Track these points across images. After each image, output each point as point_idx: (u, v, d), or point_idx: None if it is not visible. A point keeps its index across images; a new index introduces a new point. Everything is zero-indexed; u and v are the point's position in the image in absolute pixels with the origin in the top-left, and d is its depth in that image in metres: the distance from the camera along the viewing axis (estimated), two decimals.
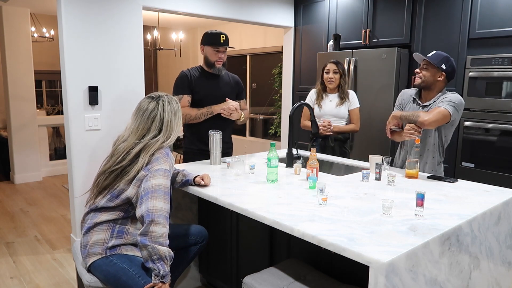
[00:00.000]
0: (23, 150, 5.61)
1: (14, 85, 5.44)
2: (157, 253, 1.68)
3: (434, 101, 2.43)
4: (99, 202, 1.89)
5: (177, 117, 2.01)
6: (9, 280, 2.94)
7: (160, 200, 1.74)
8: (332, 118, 3.21)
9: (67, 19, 3.02)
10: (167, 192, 1.78)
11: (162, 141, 1.92)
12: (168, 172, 1.83)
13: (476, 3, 3.31)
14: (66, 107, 3.14)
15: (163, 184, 1.78)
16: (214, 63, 2.83)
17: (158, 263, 1.69)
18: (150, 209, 1.71)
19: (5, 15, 5.29)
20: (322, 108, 3.25)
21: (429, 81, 2.43)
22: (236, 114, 2.80)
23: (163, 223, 1.71)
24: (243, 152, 4.34)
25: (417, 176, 2.34)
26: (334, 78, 3.18)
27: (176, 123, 2.00)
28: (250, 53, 7.14)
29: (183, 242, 2.20)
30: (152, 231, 1.68)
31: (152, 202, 1.73)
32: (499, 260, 1.98)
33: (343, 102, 3.19)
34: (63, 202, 4.76)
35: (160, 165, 1.83)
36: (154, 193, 1.75)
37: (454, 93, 2.42)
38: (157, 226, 1.69)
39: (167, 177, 1.81)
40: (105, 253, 1.83)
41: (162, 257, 1.70)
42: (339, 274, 1.89)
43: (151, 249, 1.68)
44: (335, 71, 3.18)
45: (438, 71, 2.41)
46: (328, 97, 3.26)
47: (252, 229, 2.28)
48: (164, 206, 1.75)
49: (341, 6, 4.32)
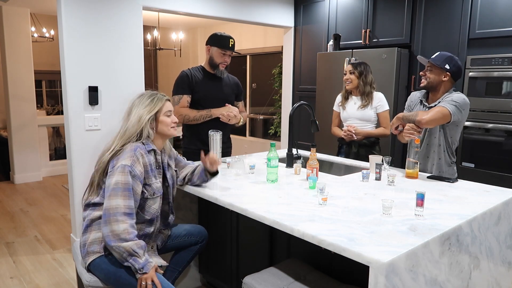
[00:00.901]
0: (23, 150, 5.61)
1: (14, 85, 5.44)
2: (125, 251, 1.72)
3: (439, 101, 2.42)
4: (95, 198, 1.92)
5: (143, 106, 1.95)
6: (9, 280, 2.94)
7: (117, 198, 1.75)
8: (356, 121, 3.10)
9: (67, 19, 3.02)
10: (126, 188, 1.77)
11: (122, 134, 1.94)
12: (129, 168, 1.79)
13: (476, 3, 3.31)
14: (66, 107, 3.14)
15: (120, 181, 1.77)
16: (218, 65, 2.83)
17: (130, 260, 1.73)
18: (107, 209, 1.75)
19: (5, 15, 5.29)
20: (346, 110, 3.14)
21: (434, 82, 2.41)
22: (235, 119, 2.81)
23: (121, 220, 1.73)
24: (243, 152, 4.34)
25: (417, 176, 2.33)
26: (350, 78, 3.06)
27: (141, 113, 1.93)
28: (250, 53, 7.15)
29: (183, 242, 2.21)
30: (112, 230, 1.72)
31: (108, 202, 1.75)
32: (499, 260, 1.98)
33: (366, 105, 3.06)
34: (63, 202, 4.76)
35: (120, 161, 1.82)
36: (111, 192, 1.76)
37: (458, 93, 2.40)
38: (115, 224, 1.72)
39: (124, 173, 1.78)
40: (104, 251, 1.84)
41: (131, 253, 1.73)
42: (339, 274, 1.89)
43: (117, 249, 1.72)
44: (351, 72, 3.07)
45: (442, 71, 2.38)
46: (352, 99, 3.15)
47: (252, 229, 2.28)
48: (122, 203, 1.75)
49: (341, 6, 4.32)
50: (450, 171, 2.51)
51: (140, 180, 1.84)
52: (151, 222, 1.96)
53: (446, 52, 2.45)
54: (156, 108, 1.96)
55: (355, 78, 3.06)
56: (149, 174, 1.90)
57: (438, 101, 2.41)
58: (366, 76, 3.06)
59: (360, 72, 3.06)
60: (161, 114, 1.98)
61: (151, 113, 1.94)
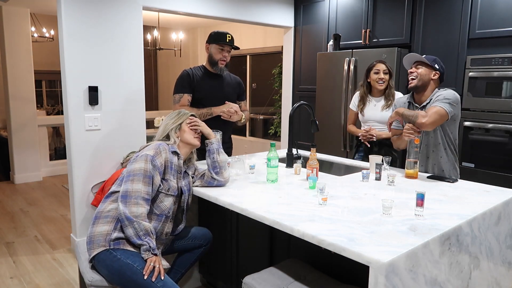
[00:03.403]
0: (23, 150, 5.61)
1: (14, 85, 5.44)
2: (143, 229, 1.80)
3: (430, 99, 2.42)
4: (112, 187, 2.00)
5: (170, 118, 2.18)
6: (9, 280, 2.94)
7: (139, 183, 1.86)
8: (376, 124, 3.00)
9: (67, 19, 3.02)
10: (147, 175, 1.88)
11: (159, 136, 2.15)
12: (151, 157, 1.92)
13: (476, 3, 3.31)
14: (66, 107, 3.14)
15: (143, 168, 1.89)
16: (217, 61, 2.82)
17: (145, 239, 1.80)
18: (128, 191, 1.84)
19: (5, 15, 5.29)
20: (365, 114, 3.04)
21: (425, 80, 2.42)
22: (236, 116, 2.80)
23: (141, 204, 1.83)
24: (243, 152, 4.34)
25: (416, 176, 2.34)
26: (385, 79, 2.94)
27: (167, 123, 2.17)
28: (250, 53, 7.15)
29: (187, 244, 2.21)
30: (131, 211, 1.81)
31: (131, 185, 1.85)
32: (499, 260, 1.98)
33: (389, 105, 2.93)
34: (63, 202, 4.76)
35: (145, 151, 1.95)
36: (134, 176, 1.87)
37: (447, 89, 2.42)
38: (134, 207, 1.81)
39: (147, 162, 1.91)
40: (109, 245, 1.84)
41: (148, 232, 1.81)
42: (339, 274, 1.89)
43: (136, 225, 1.79)
44: (385, 72, 2.94)
45: (432, 70, 2.43)
46: (371, 101, 3.03)
47: (252, 229, 2.28)
48: (143, 188, 1.86)
49: (341, 6, 4.32)
50: (454, 172, 2.48)
51: (160, 172, 1.95)
52: (159, 218, 1.98)
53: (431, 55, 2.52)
54: (181, 119, 2.16)
55: (388, 78, 2.97)
56: (168, 171, 2.00)
57: (429, 99, 2.42)
58: (391, 76, 3.01)
59: (391, 73, 3.00)
60: (185, 125, 2.16)
61: (175, 123, 2.15)
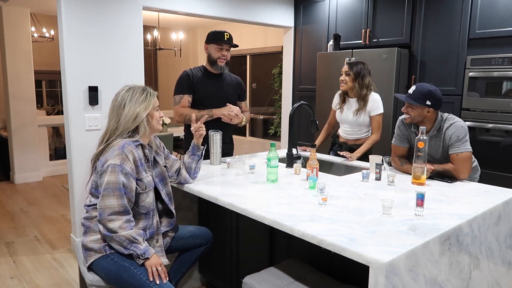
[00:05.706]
0: (23, 150, 5.61)
1: (14, 85, 5.44)
2: (125, 239, 1.77)
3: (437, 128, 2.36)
4: (93, 200, 1.93)
5: (137, 102, 1.90)
6: (9, 280, 2.94)
7: (110, 198, 1.78)
8: (350, 127, 3.03)
9: (67, 19, 3.02)
10: (117, 187, 1.79)
11: (113, 128, 1.91)
12: (119, 167, 1.79)
13: (476, 3, 3.31)
14: (66, 107, 3.14)
15: (112, 181, 1.79)
16: (216, 60, 2.79)
17: (131, 247, 1.78)
18: (101, 208, 1.80)
19: (5, 15, 5.29)
20: (342, 113, 3.05)
21: (418, 119, 2.36)
22: (237, 119, 2.78)
23: (115, 218, 1.78)
24: (243, 152, 4.34)
25: (424, 183, 2.22)
26: (345, 80, 2.92)
27: (137, 110, 1.89)
28: (250, 53, 7.15)
29: (187, 244, 2.20)
30: (108, 228, 1.78)
31: (102, 201, 1.79)
32: (499, 260, 1.98)
33: (360, 109, 2.93)
34: (63, 202, 4.76)
35: (110, 160, 1.82)
36: (104, 192, 1.79)
37: (455, 122, 2.33)
38: (110, 223, 1.77)
39: (115, 173, 1.79)
40: (104, 251, 1.84)
41: (132, 240, 1.78)
42: (339, 274, 1.89)
43: (118, 239, 1.77)
44: (347, 73, 2.91)
45: (424, 107, 2.32)
46: (348, 101, 3.02)
47: (252, 229, 2.28)
48: (115, 202, 1.79)
49: (341, 6, 4.32)
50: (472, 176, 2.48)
51: (133, 177, 1.85)
52: (147, 215, 1.95)
53: (424, 84, 2.35)
54: (151, 105, 1.94)
55: (350, 80, 2.91)
56: (140, 169, 1.90)
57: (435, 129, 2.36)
58: (362, 77, 2.90)
59: (356, 73, 2.89)
60: (153, 109, 1.97)
61: (147, 110, 1.92)
